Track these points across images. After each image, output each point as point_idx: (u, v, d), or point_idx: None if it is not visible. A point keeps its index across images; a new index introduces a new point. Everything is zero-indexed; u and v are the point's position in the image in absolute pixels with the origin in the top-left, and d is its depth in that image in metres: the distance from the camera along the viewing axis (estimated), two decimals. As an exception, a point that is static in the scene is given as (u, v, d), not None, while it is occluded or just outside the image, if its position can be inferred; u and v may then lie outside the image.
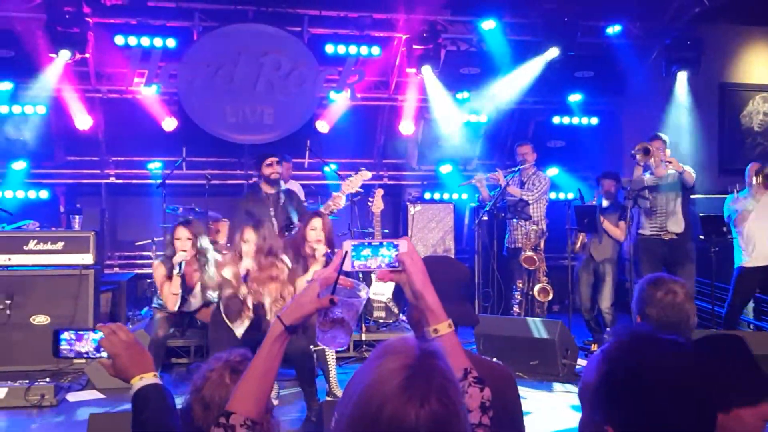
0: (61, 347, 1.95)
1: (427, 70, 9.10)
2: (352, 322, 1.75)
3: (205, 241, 6.02)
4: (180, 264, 5.74)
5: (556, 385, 6.22)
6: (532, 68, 9.40)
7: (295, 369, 5.39)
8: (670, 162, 7.13)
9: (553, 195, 9.07)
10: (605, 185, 7.54)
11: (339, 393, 5.63)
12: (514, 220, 7.87)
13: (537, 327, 6.59)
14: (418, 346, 1.25)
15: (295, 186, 8.16)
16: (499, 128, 10.05)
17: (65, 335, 1.95)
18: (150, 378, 1.94)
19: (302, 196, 8.03)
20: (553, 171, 9.25)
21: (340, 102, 9.28)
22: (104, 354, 1.95)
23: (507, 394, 2.24)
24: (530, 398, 5.81)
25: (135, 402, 1.92)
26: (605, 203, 7.49)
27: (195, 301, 6.04)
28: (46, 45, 8.17)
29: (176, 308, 5.86)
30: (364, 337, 7.13)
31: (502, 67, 9.42)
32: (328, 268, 1.72)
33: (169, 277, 5.81)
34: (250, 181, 9.01)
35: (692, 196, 7.69)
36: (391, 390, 1.17)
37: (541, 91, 9.67)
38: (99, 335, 1.95)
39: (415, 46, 9.19)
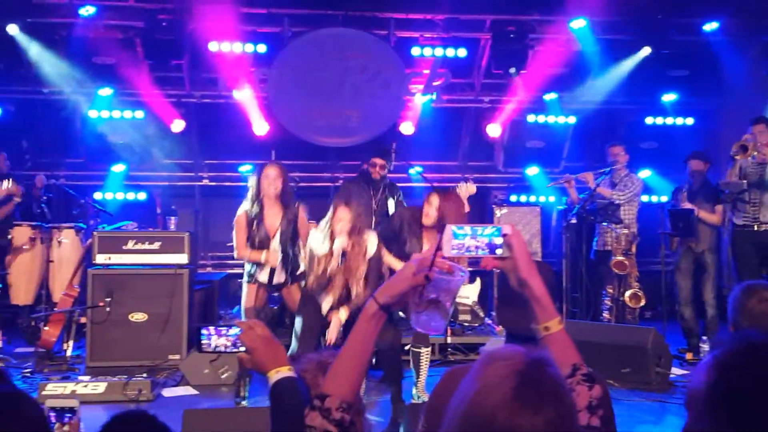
0: (203, 342, 2.04)
1: (513, 71, 8.99)
2: (448, 305, 1.68)
3: (290, 188, 6.00)
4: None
5: (649, 394, 6.03)
6: (623, 67, 9.17)
7: (383, 366, 5.40)
8: None
9: (645, 198, 8.80)
10: (693, 165, 7.27)
11: (425, 396, 5.62)
12: (604, 223, 7.68)
13: (628, 334, 6.41)
14: (526, 353, 1.23)
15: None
16: (588, 129, 9.82)
17: (205, 331, 2.05)
18: (285, 371, 2.00)
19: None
20: (645, 173, 8.98)
21: (425, 104, 9.29)
22: (242, 348, 2.03)
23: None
24: (621, 407, 5.65)
25: (272, 394, 1.99)
26: (692, 187, 7.21)
27: (275, 254, 5.96)
28: (144, 52, 8.52)
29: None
30: (449, 340, 7.10)
31: (591, 66, 9.22)
32: (427, 250, 1.68)
33: (250, 222, 5.80)
34: (336, 183, 9.14)
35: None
36: (502, 398, 1.16)
37: (633, 90, 9.41)
38: (237, 331, 2.03)
39: (501, 47, 9.10)
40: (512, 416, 1.14)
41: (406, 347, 6.21)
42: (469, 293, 7.18)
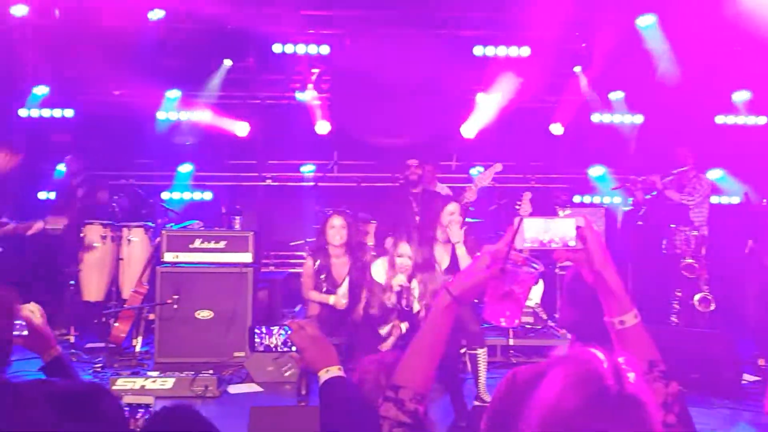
0: (255, 341, 2.07)
1: (579, 70, 8.85)
2: (523, 297, 1.66)
3: (359, 237, 6.08)
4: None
5: (720, 401, 5.85)
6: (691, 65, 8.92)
7: (440, 368, 5.38)
8: None
9: (715, 199, 8.55)
10: None
11: (487, 398, 5.58)
12: (673, 225, 7.49)
13: (698, 339, 6.23)
14: (604, 355, 1.21)
15: (442, 189, 8.20)
16: (655, 128, 9.59)
17: (258, 331, 2.08)
18: (335, 371, 2.02)
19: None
20: (715, 173, 8.73)
21: (487, 104, 9.22)
22: (293, 348, 2.05)
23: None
24: (691, 413, 5.49)
25: (322, 393, 2.01)
26: None
27: (344, 302, 6.09)
28: (210, 54, 8.70)
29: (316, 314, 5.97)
30: (511, 342, 7.03)
31: (659, 64, 9.00)
32: (500, 242, 1.66)
33: (318, 271, 5.89)
34: (396, 183, 9.15)
35: None
36: (577, 404, 1.14)
37: (704, 89, 9.14)
38: (288, 331, 2.05)
39: (566, 45, 8.97)
40: (591, 421, 1.12)
41: (462, 350, 6.19)
42: (532, 295, 7.10)
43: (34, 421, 1.77)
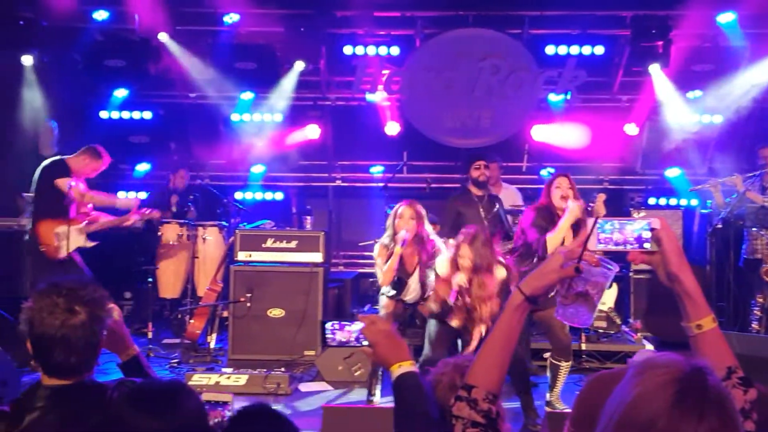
0: (327, 336, 2.09)
1: (655, 69, 8.64)
2: (596, 298, 1.66)
3: (429, 228, 6.02)
4: (402, 242, 5.65)
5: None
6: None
7: (511, 373, 5.32)
8: None
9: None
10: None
11: (560, 406, 5.49)
12: (754, 228, 7.24)
13: (781, 347, 5.99)
14: (686, 360, 1.20)
15: (512, 190, 8.12)
16: (735, 129, 9.25)
17: (329, 326, 2.10)
18: (407, 366, 2.00)
19: (520, 201, 7.95)
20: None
21: (558, 104, 9.08)
22: (365, 343, 2.05)
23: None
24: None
25: (395, 388, 2.00)
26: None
27: (413, 294, 6.00)
28: (282, 56, 8.84)
29: (389, 285, 5.81)
30: (584, 347, 6.90)
31: (739, 62, 8.69)
32: (574, 242, 1.67)
33: (389, 256, 5.76)
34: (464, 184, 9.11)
35: None
36: (662, 406, 1.13)
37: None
38: (360, 326, 2.06)
39: (642, 44, 8.75)
40: (673, 424, 1.12)
41: (544, 355, 6.11)
42: (606, 299, 6.96)
43: (119, 418, 1.82)
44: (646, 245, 1.61)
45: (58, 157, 6.85)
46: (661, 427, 1.12)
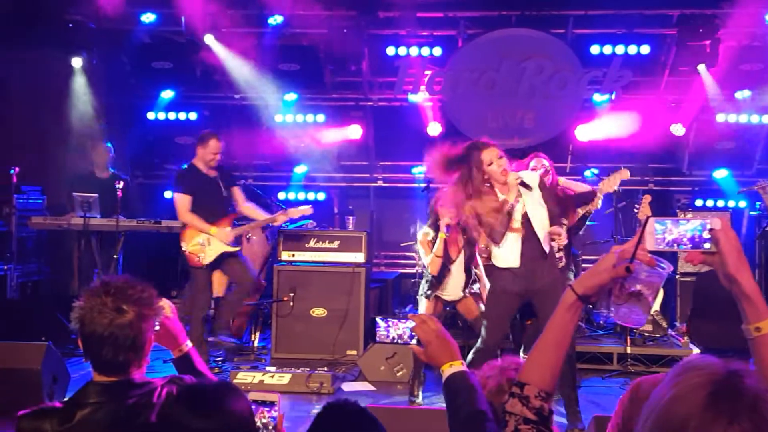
0: (378, 332, 2.10)
1: (702, 68, 8.48)
2: (650, 298, 1.65)
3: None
4: (447, 227, 5.62)
5: None
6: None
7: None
8: None
9: None
10: None
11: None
12: (806, 231, 7.07)
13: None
14: (724, 363, 1.21)
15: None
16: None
17: (381, 323, 2.11)
18: (458, 366, 2.02)
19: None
20: None
21: (603, 104, 8.98)
22: (415, 341, 2.06)
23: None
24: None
25: (446, 388, 2.01)
26: None
27: (454, 287, 5.88)
28: (325, 57, 8.90)
29: (437, 273, 5.74)
30: (629, 350, 6.82)
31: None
32: (628, 242, 1.66)
33: (433, 242, 5.74)
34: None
35: None
36: (695, 406, 1.15)
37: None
38: (410, 324, 2.07)
39: (689, 43, 8.60)
40: (704, 425, 1.13)
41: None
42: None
43: (170, 418, 1.86)
44: (706, 245, 1.58)
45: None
46: (693, 428, 1.13)
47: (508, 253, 5.02)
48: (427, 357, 2.08)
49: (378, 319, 6.46)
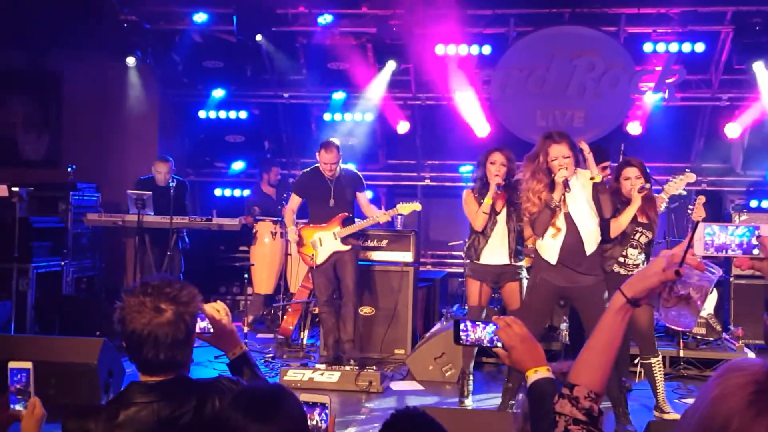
0: (460, 335, 2.10)
1: (759, 66, 8.28)
2: (699, 302, 1.67)
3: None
4: (498, 186, 5.55)
5: None
6: None
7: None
8: None
9: None
10: None
11: (667, 409, 5.37)
12: None
13: None
14: (766, 364, 1.22)
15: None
16: None
17: (462, 325, 2.10)
18: (543, 371, 1.99)
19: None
20: None
21: (656, 103, 8.83)
22: (499, 344, 2.05)
23: None
24: None
25: (531, 394, 1.99)
26: None
27: (498, 246, 5.72)
28: (374, 56, 8.92)
29: (481, 229, 5.70)
30: (682, 353, 6.70)
31: None
32: (678, 247, 1.65)
33: (480, 202, 5.67)
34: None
35: None
36: (737, 405, 1.16)
37: None
38: (494, 327, 2.05)
39: (745, 40, 8.41)
40: (746, 424, 1.14)
41: (635, 361, 5.99)
42: (705, 305, 6.73)
43: (224, 420, 1.88)
44: (755, 251, 1.59)
45: None
46: (735, 427, 1.15)
47: (548, 248, 5.10)
48: (512, 361, 2.05)
49: (461, 323, 6.22)
